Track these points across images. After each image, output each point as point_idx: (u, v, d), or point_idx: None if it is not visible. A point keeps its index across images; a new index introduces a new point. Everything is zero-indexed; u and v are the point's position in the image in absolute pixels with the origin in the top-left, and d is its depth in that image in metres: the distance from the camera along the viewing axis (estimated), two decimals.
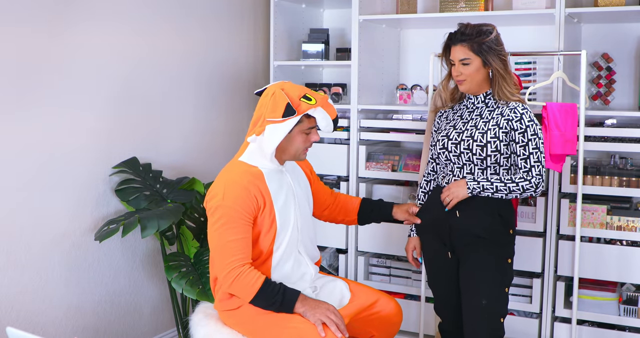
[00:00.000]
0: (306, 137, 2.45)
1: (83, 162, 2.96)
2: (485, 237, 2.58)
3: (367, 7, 3.57)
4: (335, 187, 3.65)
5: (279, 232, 2.43)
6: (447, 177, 2.68)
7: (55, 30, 2.79)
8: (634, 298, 3.12)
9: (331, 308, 2.34)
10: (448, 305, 2.75)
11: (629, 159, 3.19)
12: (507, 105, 2.59)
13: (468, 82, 2.59)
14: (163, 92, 3.35)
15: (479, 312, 2.59)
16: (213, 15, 3.64)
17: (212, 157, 3.67)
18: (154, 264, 3.35)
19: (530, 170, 2.53)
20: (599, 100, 3.45)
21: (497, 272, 2.61)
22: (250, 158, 2.45)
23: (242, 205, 2.34)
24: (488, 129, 2.57)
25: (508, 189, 2.53)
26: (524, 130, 2.53)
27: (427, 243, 2.77)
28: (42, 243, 2.82)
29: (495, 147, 2.55)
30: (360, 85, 3.56)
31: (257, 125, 2.40)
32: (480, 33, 2.54)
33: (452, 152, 2.63)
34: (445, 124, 2.73)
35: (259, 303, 2.32)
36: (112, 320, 3.16)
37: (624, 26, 3.39)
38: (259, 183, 2.40)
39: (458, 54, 2.57)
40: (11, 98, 2.64)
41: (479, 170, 2.59)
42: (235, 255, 2.32)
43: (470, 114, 2.67)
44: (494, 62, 2.55)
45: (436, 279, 2.77)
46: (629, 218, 3.05)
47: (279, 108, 2.34)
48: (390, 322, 2.63)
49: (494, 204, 2.60)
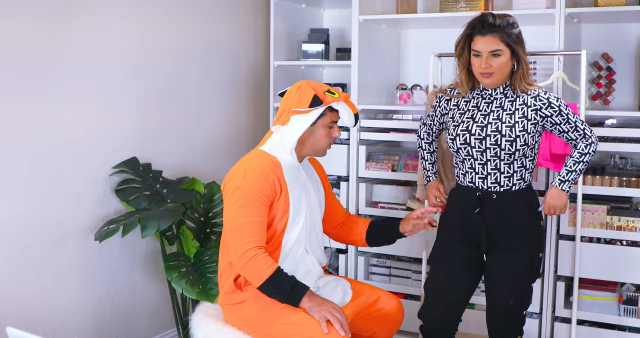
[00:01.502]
0: (329, 131, 2.51)
1: (83, 162, 2.96)
2: (522, 236, 2.58)
3: (367, 7, 3.57)
4: (335, 187, 3.65)
5: (291, 222, 2.46)
6: (469, 175, 2.62)
7: (55, 29, 2.79)
8: (634, 298, 3.12)
9: (337, 307, 2.36)
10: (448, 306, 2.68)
11: (629, 159, 3.19)
12: (527, 93, 2.56)
13: (496, 75, 2.50)
14: (163, 92, 3.35)
15: (506, 311, 2.62)
16: (213, 16, 3.64)
17: (212, 157, 3.67)
18: (154, 264, 3.35)
19: (584, 134, 2.60)
20: (599, 100, 3.45)
21: (528, 271, 2.62)
22: (271, 148, 2.50)
23: (261, 188, 2.38)
24: (515, 122, 2.52)
25: (586, 162, 2.62)
26: (558, 111, 2.55)
27: (451, 243, 2.67)
28: (42, 243, 2.81)
29: (524, 141, 2.52)
30: (360, 85, 3.56)
31: (282, 116, 2.47)
32: (509, 24, 2.49)
33: (475, 148, 2.55)
34: (460, 115, 2.63)
35: (267, 289, 2.33)
36: (112, 320, 3.16)
37: (624, 26, 3.39)
38: (278, 172, 2.45)
39: (489, 45, 2.47)
40: (10, 98, 2.64)
41: (505, 165, 2.56)
42: (252, 236, 2.35)
43: (488, 105, 2.59)
44: (522, 53, 2.51)
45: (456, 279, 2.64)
46: (629, 218, 3.05)
47: (306, 98, 2.43)
48: (392, 320, 2.64)
49: (525, 195, 2.60)
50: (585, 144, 2.60)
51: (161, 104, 3.35)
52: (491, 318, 2.68)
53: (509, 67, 2.53)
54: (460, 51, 2.57)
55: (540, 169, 3.14)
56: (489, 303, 2.68)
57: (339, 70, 4.04)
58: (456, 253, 2.65)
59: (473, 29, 2.51)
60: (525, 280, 2.63)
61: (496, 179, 2.58)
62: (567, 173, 2.61)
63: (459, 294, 2.66)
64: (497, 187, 2.58)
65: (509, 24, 2.50)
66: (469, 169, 2.61)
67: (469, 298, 2.71)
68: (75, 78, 2.89)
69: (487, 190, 2.59)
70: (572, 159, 2.61)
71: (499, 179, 2.57)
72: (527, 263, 2.61)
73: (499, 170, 2.56)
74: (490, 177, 2.58)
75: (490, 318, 2.69)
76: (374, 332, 2.65)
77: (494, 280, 2.63)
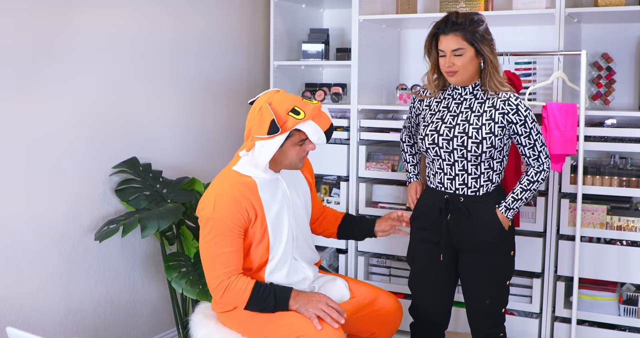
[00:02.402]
0: (300, 148, 2.40)
1: (83, 162, 2.96)
2: (490, 238, 2.58)
3: (367, 7, 3.57)
4: (335, 187, 3.65)
5: (272, 244, 2.42)
6: (437, 175, 2.62)
7: (54, 28, 2.79)
8: (634, 298, 3.12)
9: (323, 299, 2.34)
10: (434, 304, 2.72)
11: (629, 159, 3.19)
12: (498, 96, 2.54)
13: (460, 73, 2.52)
14: (163, 92, 3.35)
15: (483, 310, 2.65)
16: (213, 15, 3.64)
17: (212, 157, 3.67)
18: (154, 264, 3.35)
19: (539, 156, 2.57)
20: (599, 100, 3.45)
21: (500, 269, 2.63)
22: (244, 168, 2.41)
23: (232, 218, 2.33)
24: (482, 124, 2.52)
25: (534, 190, 2.58)
26: (523, 121, 2.52)
27: (421, 243, 2.70)
28: (42, 243, 2.81)
29: (491, 143, 2.52)
30: (360, 85, 3.56)
31: (248, 139, 2.37)
32: (472, 22, 2.48)
33: (443, 148, 2.56)
34: (430, 116, 2.64)
35: (253, 309, 2.34)
36: (112, 320, 3.16)
37: (624, 26, 3.39)
38: (251, 195, 2.37)
39: (450, 43, 2.49)
40: (10, 97, 2.64)
41: (472, 166, 2.55)
42: (224, 267, 2.32)
43: (458, 106, 2.59)
44: (487, 52, 2.50)
45: (427, 279, 2.70)
46: (629, 218, 3.05)
47: (265, 124, 2.28)
48: (391, 319, 2.63)
49: (492, 198, 2.59)
50: (536, 170, 2.57)
51: (161, 103, 3.35)
52: (471, 317, 2.72)
53: (474, 65, 2.53)
54: (429, 51, 2.60)
55: None
56: (467, 303, 2.71)
57: (339, 70, 4.04)
58: (424, 255, 2.68)
59: (438, 29, 2.54)
60: (498, 280, 2.64)
61: (464, 180, 2.58)
62: (512, 201, 2.58)
63: (434, 293, 2.70)
64: (464, 189, 2.59)
65: (473, 21, 2.48)
66: (438, 169, 2.62)
67: (448, 295, 2.72)
68: (75, 78, 2.89)
69: (454, 192, 2.60)
70: (520, 186, 2.59)
71: (467, 180, 2.58)
72: (497, 263, 2.62)
73: (466, 171, 2.56)
74: (458, 178, 2.59)
75: (470, 317, 2.72)
76: (372, 333, 2.64)
77: (468, 281, 2.66)
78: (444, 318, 2.75)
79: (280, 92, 2.40)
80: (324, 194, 3.67)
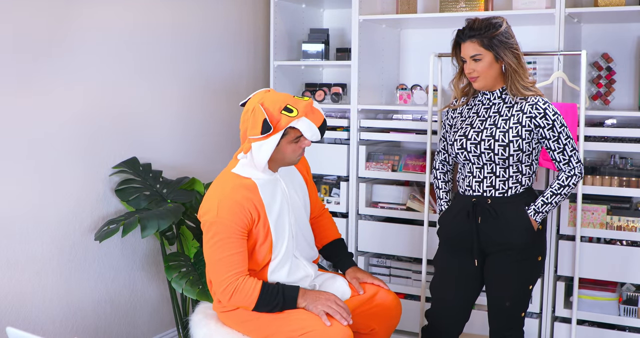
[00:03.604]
0: (295, 145, 2.41)
1: (83, 161, 2.96)
2: (517, 240, 2.57)
3: (367, 7, 3.57)
4: (335, 187, 3.65)
5: (275, 242, 2.43)
6: (467, 179, 2.63)
7: (53, 28, 2.79)
8: (634, 298, 3.12)
9: (331, 297, 2.36)
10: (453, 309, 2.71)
11: (629, 159, 3.19)
12: (526, 100, 2.54)
13: (482, 78, 2.54)
14: (163, 92, 3.35)
15: (504, 313, 2.65)
16: (213, 16, 3.64)
17: (212, 157, 3.67)
18: (154, 264, 3.35)
19: (569, 160, 2.55)
20: (599, 100, 3.45)
21: (525, 273, 2.62)
22: (243, 170, 2.42)
23: (236, 221, 2.33)
24: (509, 128, 2.52)
25: (565, 194, 2.57)
26: (551, 125, 2.51)
27: (450, 249, 2.70)
28: (42, 243, 2.81)
29: (518, 146, 2.51)
30: (360, 85, 3.56)
31: (243, 143, 2.39)
32: (489, 27, 2.48)
33: (471, 152, 2.57)
34: (461, 122, 2.66)
35: (262, 309, 2.34)
36: (112, 320, 3.16)
37: (624, 26, 3.39)
38: (253, 197, 2.38)
39: (468, 50, 2.51)
40: (10, 97, 2.64)
41: (501, 169, 2.55)
42: (230, 270, 2.33)
43: (487, 110, 2.61)
44: (506, 56, 2.49)
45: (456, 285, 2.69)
46: (629, 218, 3.05)
47: (258, 124, 2.30)
48: (390, 315, 2.64)
49: (522, 199, 2.58)
50: (567, 175, 2.56)
51: (161, 103, 3.35)
52: (491, 318, 2.72)
53: (496, 70, 2.54)
54: (455, 57, 2.63)
55: (540, 169, 3.14)
56: (488, 305, 2.71)
57: (339, 70, 4.04)
58: (453, 260, 2.69)
59: (459, 37, 2.57)
60: (522, 283, 2.63)
61: (491, 183, 2.58)
62: (542, 205, 2.57)
63: (459, 299, 2.69)
64: (492, 191, 2.58)
65: (490, 26, 2.49)
66: (468, 173, 2.63)
67: (471, 302, 2.72)
68: (75, 78, 2.89)
69: (482, 195, 2.59)
70: (550, 190, 2.58)
71: (494, 183, 2.58)
72: (523, 267, 2.60)
73: (494, 174, 2.57)
74: (485, 180, 2.59)
75: (490, 318, 2.72)
76: (372, 329, 2.64)
77: (491, 283, 2.66)
78: (461, 323, 2.75)
79: (270, 91, 2.42)
80: (324, 194, 3.67)
